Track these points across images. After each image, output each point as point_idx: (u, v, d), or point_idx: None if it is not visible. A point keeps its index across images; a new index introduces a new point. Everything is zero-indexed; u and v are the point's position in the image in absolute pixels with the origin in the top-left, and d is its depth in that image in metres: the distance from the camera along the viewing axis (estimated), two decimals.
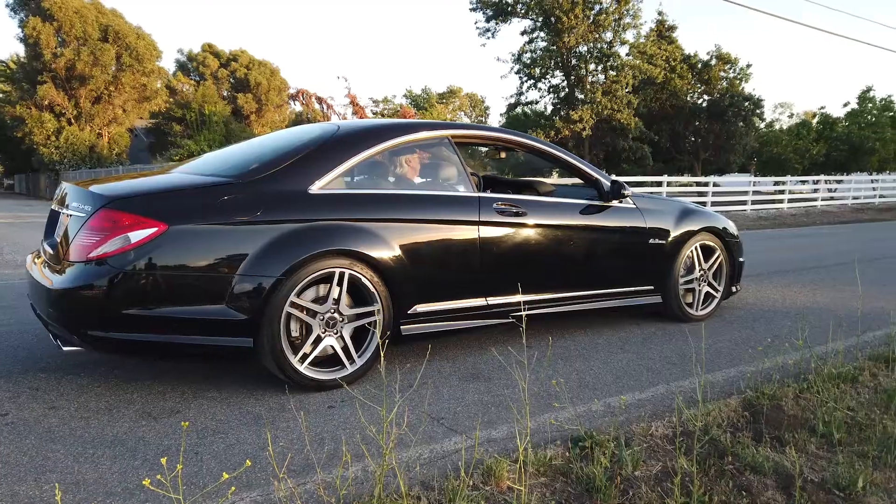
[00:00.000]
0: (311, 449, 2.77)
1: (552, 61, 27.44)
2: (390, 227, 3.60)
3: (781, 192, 24.09)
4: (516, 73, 29.29)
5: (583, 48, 26.12)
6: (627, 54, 26.93)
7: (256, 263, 3.18)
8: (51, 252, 3.45)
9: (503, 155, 5.99)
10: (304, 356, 3.38)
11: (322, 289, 3.44)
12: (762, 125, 35.19)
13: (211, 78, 40.50)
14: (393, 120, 5.07)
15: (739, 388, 3.65)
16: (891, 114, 36.18)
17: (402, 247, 3.62)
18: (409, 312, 3.73)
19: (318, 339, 3.41)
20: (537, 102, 30.36)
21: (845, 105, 37.65)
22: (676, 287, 5.04)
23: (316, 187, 3.47)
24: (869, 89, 36.47)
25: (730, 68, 29.03)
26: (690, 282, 5.16)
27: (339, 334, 3.48)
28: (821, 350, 4.22)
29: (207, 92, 35.09)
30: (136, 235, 3.00)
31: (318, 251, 3.31)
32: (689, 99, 29.98)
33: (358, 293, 3.55)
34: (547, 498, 2.48)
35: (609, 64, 26.14)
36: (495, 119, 65.84)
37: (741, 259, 5.56)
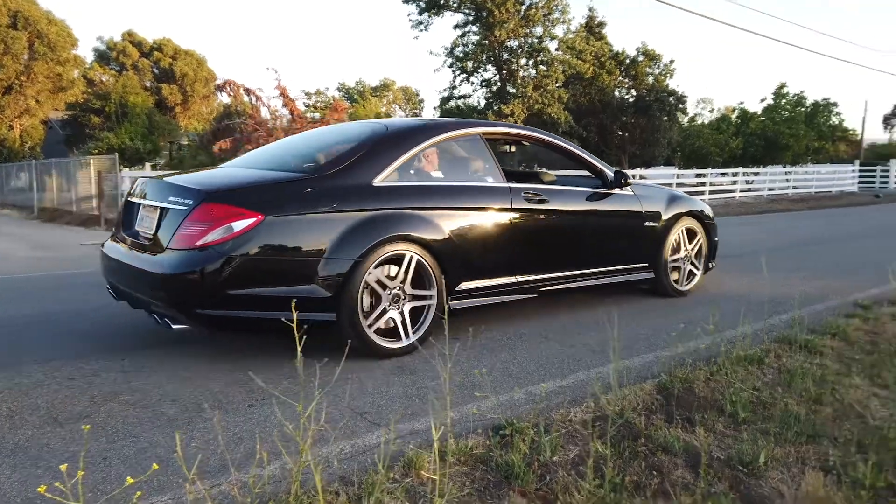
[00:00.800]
0: (226, 449, 2.70)
1: (484, 55, 27.63)
2: (441, 214, 4.10)
3: (703, 184, 25.10)
4: (449, 66, 29.36)
5: (514, 43, 26.42)
6: (557, 49, 27.43)
7: (338, 248, 3.62)
8: (142, 241, 3.82)
9: (513, 149, 6.33)
10: (370, 326, 3.84)
11: (387, 269, 3.87)
12: (685, 120, 36.55)
13: (132, 68, 38.78)
14: (434, 119, 5.60)
15: (655, 373, 3.79)
16: (803, 109, 38.20)
17: (450, 231, 4.12)
18: (455, 290, 4.23)
19: (384, 312, 3.88)
20: (470, 96, 30.56)
21: (762, 101, 39.42)
22: (666, 265, 5.68)
23: (378, 180, 3.94)
24: (783, 86, 38.34)
25: (655, 65, 29.96)
26: (677, 260, 5.81)
27: (400, 309, 3.95)
28: (731, 334, 4.42)
29: (129, 82, 33.60)
30: (238, 225, 3.40)
31: (385, 237, 3.78)
32: (616, 94, 30.79)
33: (416, 273, 3.99)
34: (466, 486, 2.51)
35: (540, 59, 26.55)
36: (429, 113, 65.88)
37: (716, 238, 6.24)
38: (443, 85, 61.29)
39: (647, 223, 5.48)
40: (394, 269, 3.91)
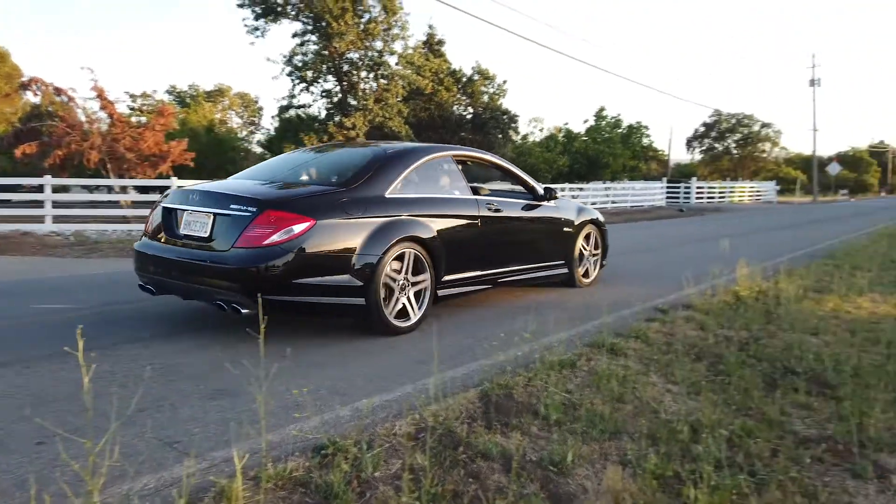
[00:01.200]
0: (5, 495, 2.38)
1: (324, 66, 27.31)
2: (433, 220, 5.12)
3: None
4: (288, 75, 28.63)
5: (354, 55, 26.40)
6: (397, 64, 27.81)
7: (366, 246, 4.54)
8: (196, 241, 4.53)
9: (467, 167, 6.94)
10: (390, 311, 4.79)
11: (395, 264, 4.79)
12: (518, 137, 38.73)
13: None
14: (419, 144, 6.54)
15: (478, 381, 3.92)
16: (620, 131, 42.06)
17: (439, 233, 5.12)
18: (441, 280, 5.21)
19: (397, 299, 4.83)
20: (310, 106, 30.03)
21: (585, 122, 42.95)
22: (576, 262, 6.99)
23: (388, 192, 4.93)
24: (603, 109, 42.05)
25: (489, 84, 31.49)
26: (583, 258, 7.15)
27: (406, 295, 4.92)
28: (549, 340, 4.71)
29: None
30: (297, 228, 4.25)
31: (399, 237, 4.74)
32: (455, 110, 31.88)
33: (414, 265, 4.95)
34: None
35: (380, 72, 26.76)
36: (267, 121, 63.92)
37: (608, 242, 7.67)
38: (282, 93, 59.42)
39: (564, 228, 6.82)
40: (397, 264, 4.83)
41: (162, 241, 4.81)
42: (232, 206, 4.41)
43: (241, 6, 27.66)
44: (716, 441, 3.00)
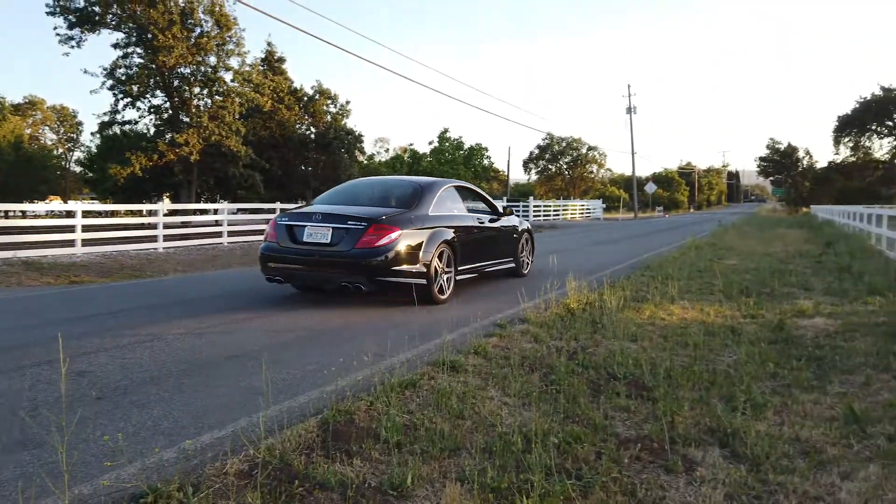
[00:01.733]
0: None
1: (152, 80, 25.50)
2: (454, 230, 7.71)
3: None
4: (110, 88, 26.39)
5: (186, 69, 24.94)
6: (233, 80, 26.68)
7: (426, 247, 7.05)
8: (322, 246, 6.90)
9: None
10: (437, 288, 7.36)
11: (437, 258, 7.27)
12: (364, 157, 38.80)
13: None
14: (436, 178, 9.18)
15: (318, 409, 3.80)
16: (462, 152, 43.62)
17: (458, 238, 7.68)
18: (458, 269, 7.79)
19: (438, 282, 7.34)
20: (137, 122, 27.87)
21: (430, 143, 43.96)
22: (519, 258, 9.78)
23: (430, 212, 7.50)
24: (446, 131, 43.38)
25: (332, 103, 31.25)
26: (522, 256, 9.90)
27: (441, 280, 7.40)
28: (391, 362, 4.70)
29: None
30: (393, 235, 6.72)
31: (441, 241, 7.34)
32: (298, 129, 31.24)
33: (447, 260, 7.55)
34: None
35: (215, 89, 25.50)
36: (87, 137, 58.77)
37: (534, 245, 10.53)
38: (104, 108, 54.59)
39: (514, 235, 9.61)
40: (438, 259, 7.33)
41: (286, 246, 7.15)
42: (349, 222, 6.90)
43: (50, 14, 25.13)
44: (546, 449, 3.14)
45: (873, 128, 64.53)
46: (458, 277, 7.87)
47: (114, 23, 24.53)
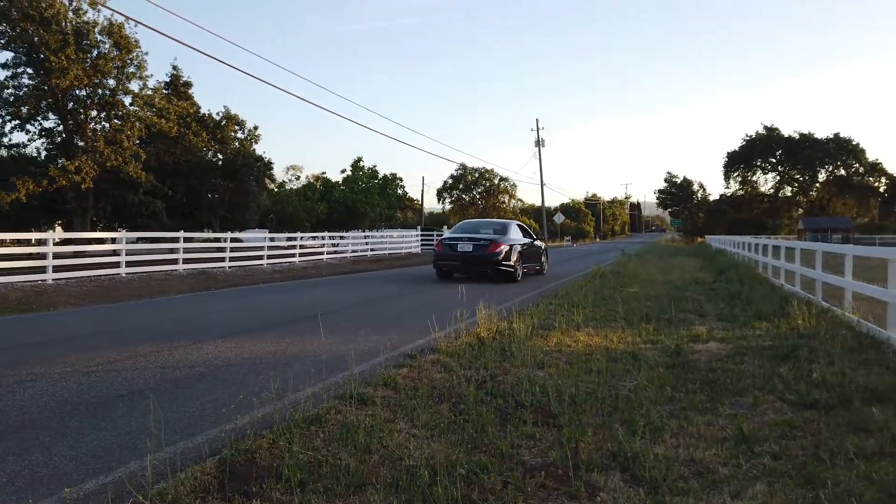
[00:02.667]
0: None
1: (43, 102, 23.99)
2: (521, 245, 16.05)
3: (293, 246, 26.27)
4: None
5: (81, 92, 23.65)
6: (133, 104, 25.53)
7: (512, 253, 15.21)
8: (472, 251, 15.23)
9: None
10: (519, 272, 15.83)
11: (516, 259, 15.52)
12: (274, 185, 38.01)
13: None
14: (508, 219, 21.92)
15: (217, 449, 3.62)
16: (377, 181, 43.61)
17: (522, 251, 15.90)
18: (523, 266, 16.01)
19: (518, 270, 15.62)
20: (26, 146, 26.09)
21: (343, 172, 43.67)
22: (542, 263, 18.12)
23: (511, 236, 15.94)
24: (360, 159, 43.29)
25: (240, 129, 30.50)
26: (543, 261, 18.26)
27: (519, 269, 15.66)
28: (297, 396, 4.55)
29: None
30: (503, 247, 15.10)
31: (517, 251, 15.62)
32: (205, 156, 30.25)
33: (521, 260, 15.93)
34: None
35: (113, 113, 24.29)
36: None
37: (548, 256, 19.17)
38: None
39: (541, 250, 18.13)
40: (516, 257, 15.45)
41: (448, 253, 15.45)
42: (481, 241, 15.09)
43: None
44: (453, 481, 3.11)
45: (758, 164, 69.96)
46: (523, 270, 15.80)
47: (2, 41, 22.98)
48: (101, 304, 11.04)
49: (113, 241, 19.03)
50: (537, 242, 17.68)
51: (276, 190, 38.25)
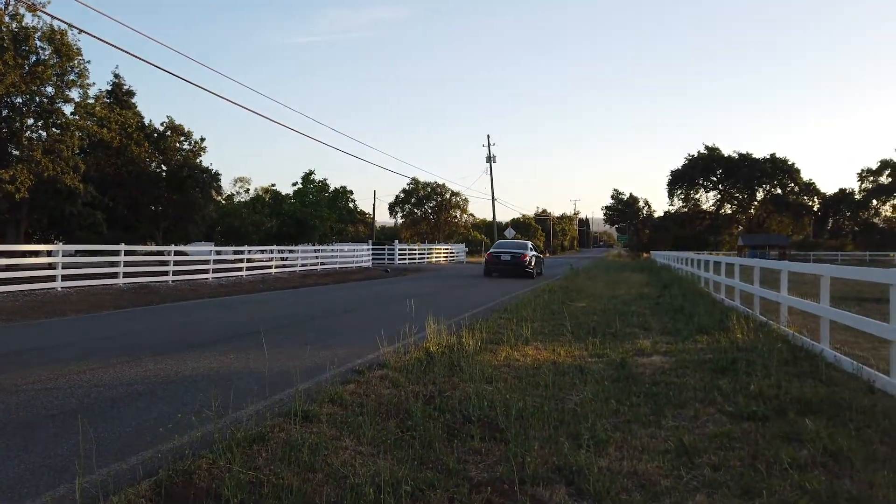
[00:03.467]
0: None
1: None
2: (534, 257, 26.76)
3: (241, 260, 25.72)
4: None
5: (18, 99, 22.69)
6: (73, 113, 24.64)
7: (531, 260, 25.99)
8: (510, 259, 25.68)
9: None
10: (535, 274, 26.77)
11: (534, 265, 26.66)
12: (221, 198, 37.19)
13: None
14: (527, 241, 32.65)
15: (153, 470, 3.48)
16: (327, 195, 43.13)
17: (535, 260, 26.84)
18: (538, 273, 27.41)
19: (535, 270, 26.87)
20: None
21: (294, 185, 43.04)
22: (541, 269, 28.80)
23: (529, 250, 26.65)
24: (311, 172, 42.74)
25: (185, 140, 29.75)
26: (541, 267, 29.29)
27: (535, 271, 26.52)
28: (240, 414, 4.43)
29: None
30: (529, 258, 25.71)
31: (535, 261, 27.26)
32: (148, 167, 29.40)
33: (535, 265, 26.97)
34: None
35: (52, 121, 23.38)
36: None
37: (544, 263, 31.13)
38: None
39: (541, 260, 29.90)
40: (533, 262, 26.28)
41: (494, 261, 25.83)
42: (515, 252, 25.91)
43: None
44: (398, 499, 3.07)
45: (700, 182, 72.48)
46: (536, 271, 25.68)
47: None
48: (35, 320, 10.55)
49: (49, 253, 18.25)
50: (540, 255, 28.66)
51: (223, 202, 37.45)
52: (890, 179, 68.04)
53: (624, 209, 79.63)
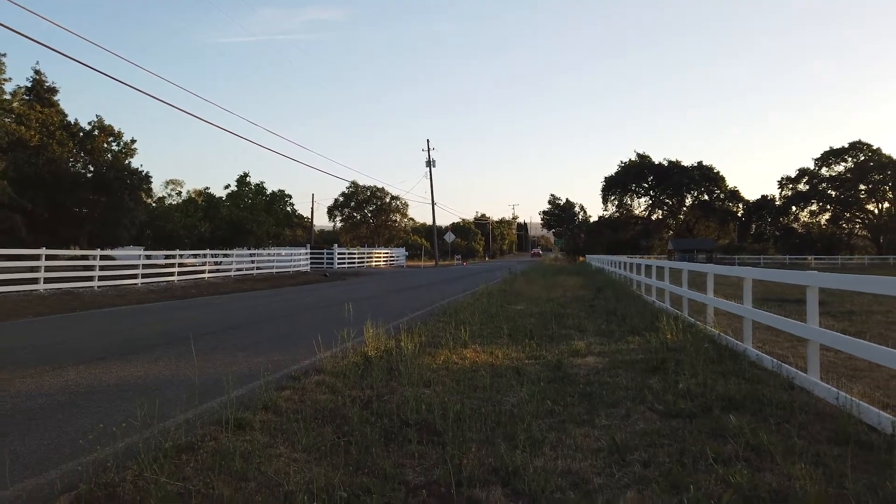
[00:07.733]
0: None
1: None
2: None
3: (172, 265, 24.85)
4: None
5: None
6: None
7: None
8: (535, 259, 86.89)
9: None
10: None
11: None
12: (152, 200, 35.83)
13: None
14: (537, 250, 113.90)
15: (73, 484, 3.31)
16: (264, 198, 42.22)
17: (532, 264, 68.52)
18: None
19: None
20: None
21: (227, 187, 41.94)
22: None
23: (532, 250, 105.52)
24: (246, 175, 41.75)
25: (113, 141, 28.54)
26: None
27: None
28: (168, 424, 4.26)
29: None
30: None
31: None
32: (71, 168, 28.02)
33: None
34: None
35: None
36: None
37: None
38: None
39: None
40: None
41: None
42: (538, 252, 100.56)
43: None
44: None
45: (633, 188, 74.85)
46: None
47: None
48: None
49: None
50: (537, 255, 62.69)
51: (153, 205, 36.10)
52: (808, 187, 72.04)
53: (561, 214, 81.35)
